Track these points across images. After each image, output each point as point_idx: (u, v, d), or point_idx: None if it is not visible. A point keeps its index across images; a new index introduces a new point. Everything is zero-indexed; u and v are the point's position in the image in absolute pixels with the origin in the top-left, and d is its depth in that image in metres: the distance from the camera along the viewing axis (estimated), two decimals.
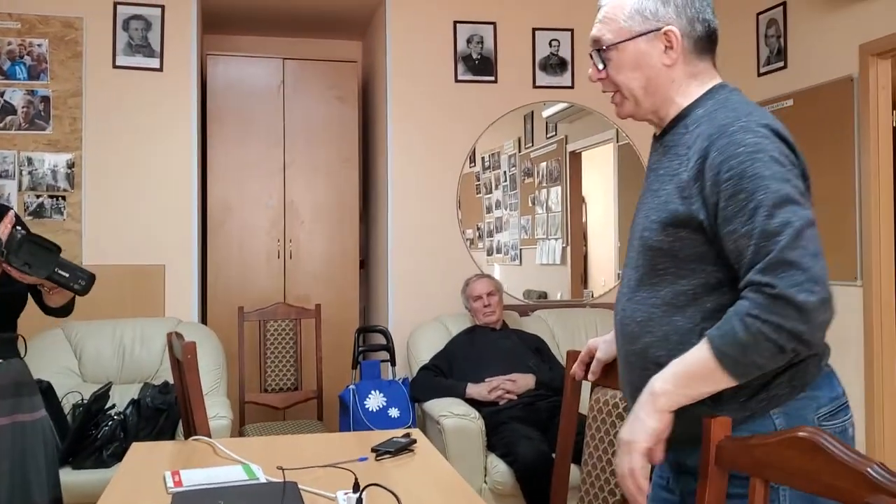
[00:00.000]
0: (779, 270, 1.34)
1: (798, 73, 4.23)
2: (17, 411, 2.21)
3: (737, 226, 1.40)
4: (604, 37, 1.60)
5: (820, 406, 1.47)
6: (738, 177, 1.39)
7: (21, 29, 4.27)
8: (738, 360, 1.36)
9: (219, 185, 4.76)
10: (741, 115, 1.46)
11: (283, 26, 5.33)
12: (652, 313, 1.54)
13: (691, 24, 1.56)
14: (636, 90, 1.58)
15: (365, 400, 3.92)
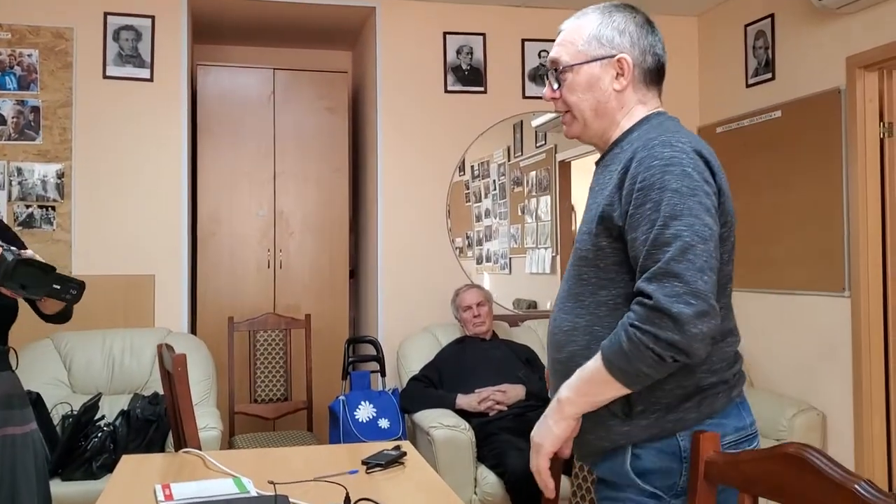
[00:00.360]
0: (662, 280, 1.41)
1: (786, 85, 4.27)
2: (7, 424, 2.21)
3: (638, 234, 1.47)
4: (561, 58, 1.68)
5: (725, 434, 1.52)
6: (649, 187, 1.47)
7: (11, 39, 4.26)
8: (624, 368, 1.44)
9: (209, 195, 4.76)
10: (666, 133, 1.55)
11: (273, 37, 5.34)
12: (576, 323, 1.61)
13: (643, 55, 1.66)
14: (586, 111, 1.67)
15: (355, 411, 3.92)
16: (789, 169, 4.21)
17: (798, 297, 4.17)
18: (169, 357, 2.56)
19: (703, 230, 1.42)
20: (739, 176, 4.61)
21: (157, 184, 4.43)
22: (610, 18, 1.66)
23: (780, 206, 4.27)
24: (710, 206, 1.47)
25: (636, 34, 1.65)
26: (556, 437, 1.55)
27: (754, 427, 1.59)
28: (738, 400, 1.58)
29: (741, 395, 1.60)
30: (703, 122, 5.01)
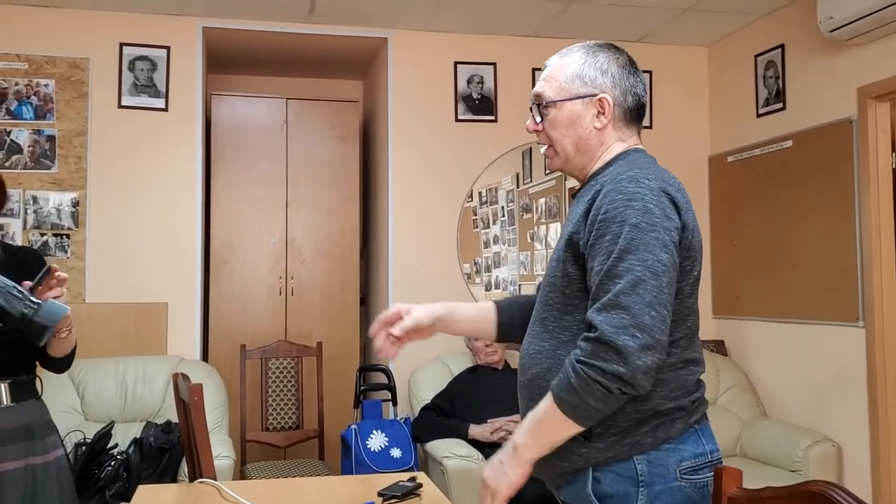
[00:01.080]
0: (610, 311, 1.46)
1: (797, 115, 4.29)
2: (29, 454, 2.23)
3: (595, 264, 1.52)
4: (545, 93, 1.73)
5: (682, 459, 1.57)
6: (610, 219, 1.52)
7: (28, 70, 4.32)
8: (575, 404, 1.47)
9: (222, 223, 4.78)
10: (636, 168, 1.59)
11: (286, 67, 5.40)
12: (541, 346, 1.65)
13: (624, 95, 1.70)
14: (567, 147, 1.72)
15: (367, 440, 3.91)
16: (801, 198, 4.22)
17: (811, 327, 4.16)
18: (185, 386, 2.57)
19: (656, 265, 1.47)
20: (751, 205, 4.63)
21: (170, 212, 4.46)
22: (594, 58, 1.70)
23: (792, 235, 4.27)
24: (668, 241, 1.50)
25: (618, 75, 1.69)
26: (513, 483, 1.58)
27: (716, 455, 1.62)
28: (699, 427, 1.62)
29: (701, 421, 1.63)
30: (713, 152, 5.03)
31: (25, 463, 2.22)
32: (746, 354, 4.69)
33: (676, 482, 1.55)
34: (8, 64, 4.30)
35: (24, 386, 2.29)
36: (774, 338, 4.44)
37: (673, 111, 5.08)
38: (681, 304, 1.56)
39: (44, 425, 2.32)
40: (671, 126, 5.06)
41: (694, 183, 5.05)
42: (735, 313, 4.78)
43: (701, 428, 1.62)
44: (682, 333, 1.58)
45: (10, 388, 2.25)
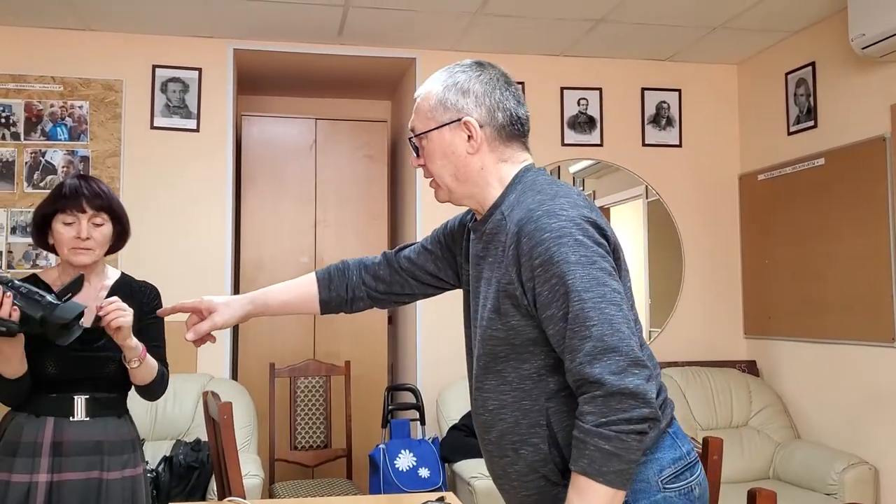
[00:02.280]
0: (603, 359, 1.38)
1: (829, 133, 4.24)
2: (94, 468, 2.28)
3: (554, 310, 1.45)
4: (416, 126, 1.67)
5: (662, 468, 1.52)
6: (548, 262, 1.44)
7: (63, 91, 4.40)
8: (621, 469, 1.38)
9: (252, 242, 4.82)
10: (546, 199, 1.51)
11: (315, 87, 5.45)
12: (502, 400, 1.58)
13: (491, 114, 1.61)
14: (446, 178, 1.64)
15: (395, 459, 3.90)
16: (833, 217, 4.16)
17: (845, 347, 4.09)
18: (215, 405, 2.58)
19: (613, 296, 1.43)
20: (782, 224, 4.58)
21: (201, 231, 4.50)
22: (453, 80, 1.63)
23: (825, 254, 4.22)
24: (609, 268, 1.46)
25: (481, 92, 1.61)
26: None
27: (693, 454, 1.57)
28: (670, 430, 1.57)
29: (671, 424, 1.58)
30: (744, 170, 4.99)
31: (87, 476, 2.27)
32: (779, 375, 4.62)
33: (661, 493, 1.51)
34: (44, 86, 4.38)
35: (104, 403, 2.34)
36: (807, 358, 4.37)
37: (703, 130, 5.05)
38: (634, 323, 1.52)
39: (118, 443, 2.36)
40: (701, 145, 5.03)
41: (724, 201, 5.01)
42: (766, 333, 4.72)
43: (673, 431, 1.58)
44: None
45: (87, 403, 2.31)
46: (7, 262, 4.26)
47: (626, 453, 1.37)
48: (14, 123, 4.34)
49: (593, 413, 1.39)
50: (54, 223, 2.31)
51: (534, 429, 1.53)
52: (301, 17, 4.28)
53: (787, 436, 4.36)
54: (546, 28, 4.45)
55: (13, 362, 2.19)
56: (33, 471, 2.22)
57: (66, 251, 2.31)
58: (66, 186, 2.33)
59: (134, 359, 2.28)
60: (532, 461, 1.55)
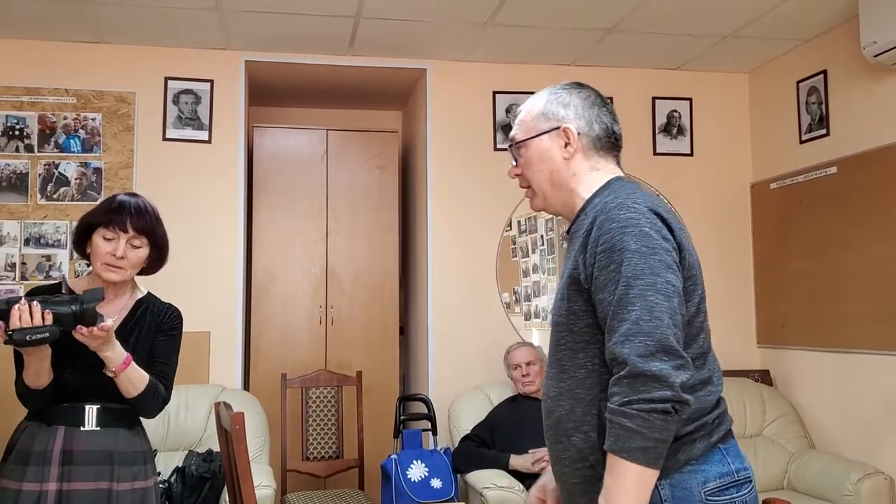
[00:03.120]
0: (633, 340, 1.46)
1: (841, 141, 4.22)
2: (103, 478, 2.29)
3: (605, 294, 1.54)
4: (516, 135, 1.82)
5: (707, 480, 1.55)
6: (610, 249, 1.54)
7: (77, 104, 4.43)
8: (644, 446, 1.45)
9: (263, 252, 4.83)
10: (622, 195, 1.63)
11: (326, 98, 5.47)
12: (560, 388, 1.66)
13: (589, 125, 1.76)
14: (543, 183, 1.78)
15: (407, 470, 3.89)
16: (848, 225, 4.14)
17: (859, 356, 4.06)
18: (227, 415, 2.58)
19: (665, 287, 1.50)
20: (795, 232, 4.56)
21: (213, 242, 4.52)
22: (556, 96, 1.79)
23: (840, 262, 4.19)
24: (671, 262, 1.54)
25: (581, 106, 1.76)
26: None
27: (744, 473, 1.60)
28: (722, 446, 1.60)
29: (725, 440, 1.61)
30: (756, 179, 4.97)
31: (97, 486, 2.27)
32: (792, 384, 4.59)
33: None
34: (57, 98, 4.42)
35: (116, 413, 2.35)
36: (821, 367, 4.34)
37: (714, 138, 5.04)
38: (690, 325, 1.58)
39: (129, 454, 2.36)
40: (712, 153, 5.02)
41: (736, 210, 4.99)
42: (780, 342, 4.69)
43: (725, 447, 1.60)
44: (696, 353, 1.59)
45: (97, 413, 2.32)
46: (21, 273, 4.29)
47: (648, 431, 1.44)
48: (28, 136, 4.37)
49: (618, 394, 1.47)
50: (95, 235, 2.34)
51: (586, 417, 1.59)
52: (312, 29, 4.30)
53: (802, 446, 4.33)
54: (556, 38, 4.46)
55: (42, 375, 2.23)
56: (43, 479, 2.24)
57: (99, 265, 2.33)
58: (116, 202, 2.37)
59: (111, 367, 2.25)
60: (582, 448, 1.61)
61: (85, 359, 2.25)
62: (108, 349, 2.23)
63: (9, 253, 4.29)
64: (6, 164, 4.33)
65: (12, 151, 4.35)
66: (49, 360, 2.23)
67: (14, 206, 4.32)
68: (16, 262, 4.29)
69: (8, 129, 4.35)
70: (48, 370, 2.24)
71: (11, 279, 4.28)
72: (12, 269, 4.28)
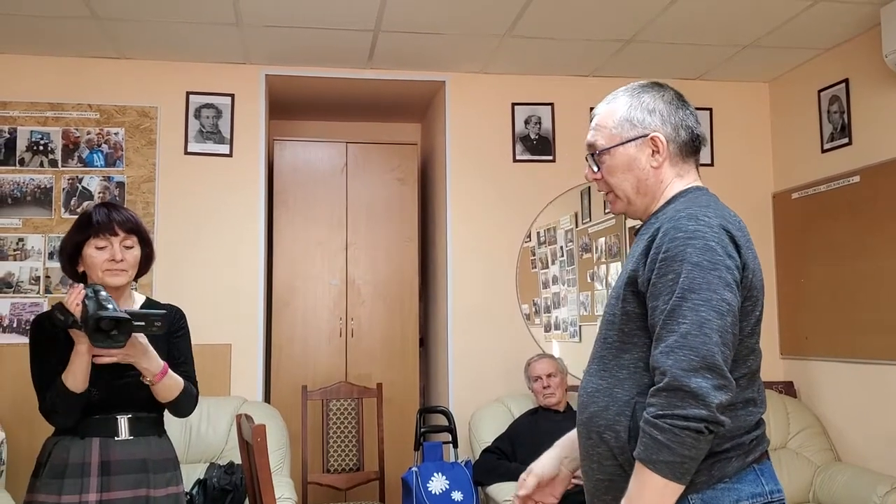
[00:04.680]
0: (678, 353, 1.45)
1: (864, 150, 4.19)
2: (141, 486, 2.34)
3: (659, 303, 1.52)
4: (597, 142, 1.75)
5: (739, 499, 1.53)
6: (671, 258, 1.52)
7: (100, 119, 4.48)
8: (670, 460, 1.44)
9: (284, 265, 4.85)
10: (694, 206, 1.60)
11: (346, 111, 5.50)
12: (599, 385, 1.65)
13: (675, 131, 1.71)
14: (628, 191, 1.73)
15: (428, 482, 3.88)
16: (870, 234, 4.10)
17: (885, 367, 4.01)
18: (248, 427, 2.59)
19: (720, 305, 1.47)
20: (817, 242, 4.52)
21: (235, 255, 4.54)
22: (639, 100, 1.72)
23: (862, 272, 4.15)
24: (731, 280, 1.51)
25: (666, 111, 1.71)
26: None
27: (777, 495, 1.58)
28: (758, 466, 1.58)
29: (761, 460, 1.59)
30: (777, 188, 4.93)
31: (135, 494, 2.32)
32: (817, 396, 4.54)
33: None
34: (81, 114, 4.47)
35: (145, 422, 2.41)
36: (846, 378, 4.29)
37: (735, 148, 5.01)
38: (742, 344, 1.55)
39: (161, 461, 2.43)
40: (733, 163, 4.99)
41: (758, 220, 4.95)
42: (804, 353, 4.65)
43: (761, 467, 1.58)
44: (742, 373, 1.57)
45: (129, 422, 2.37)
46: (45, 286, 4.33)
47: (678, 447, 1.43)
48: (52, 151, 4.42)
49: (654, 405, 1.46)
50: (86, 249, 2.37)
51: (619, 417, 1.58)
52: (332, 43, 4.33)
53: (827, 458, 4.27)
54: (575, 49, 4.46)
55: (79, 377, 2.25)
56: (82, 491, 2.27)
57: (101, 273, 2.36)
58: (96, 213, 2.40)
59: (148, 377, 2.32)
60: (613, 447, 1.60)
61: (112, 371, 2.29)
62: (144, 360, 2.30)
63: (33, 266, 4.34)
64: (31, 179, 4.39)
65: (37, 166, 4.40)
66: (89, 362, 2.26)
67: (38, 220, 4.37)
68: (40, 275, 4.34)
69: (32, 144, 4.41)
70: (87, 373, 2.26)
71: (36, 292, 4.32)
72: (36, 283, 4.33)
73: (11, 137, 4.40)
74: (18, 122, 4.41)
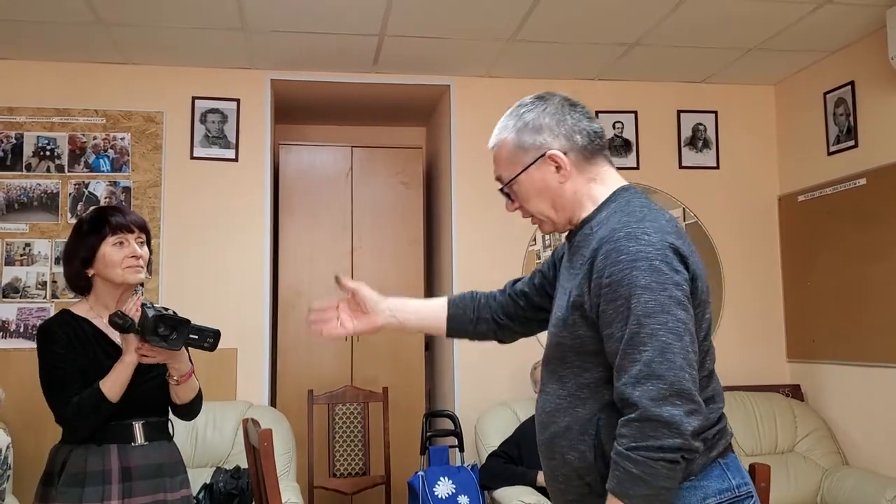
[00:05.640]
0: (645, 383, 1.41)
1: (870, 152, 4.18)
2: (159, 491, 2.35)
3: (614, 330, 1.48)
4: (502, 175, 1.72)
5: (706, 496, 1.51)
6: (617, 283, 1.47)
7: (106, 124, 4.49)
8: (647, 493, 1.41)
9: (290, 269, 4.86)
10: (632, 221, 1.54)
11: (351, 115, 5.50)
12: (558, 404, 1.62)
13: (570, 139, 1.65)
14: (547, 211, 1.70)
15: (434, 487, 3.87)
16: (877, 237, 4.09)
17: (893, 370, 3.99)
18: (255, 432, 2.59)
19: (677, 326, 1.44)
20: (824, 245, 4.51)
21: (240, 259, 4.55)
22: (523, 122, 1.67)
23: (869, 275, 4.14)
24: (682, 297, 1.48)
25: (553, 124, 1.65)
26: None
27: (745, 488, 1.56)
28: (722, 461, 1.56)
29: (725, 454, 1.58)
30: (783, 191, 4.92)
31: (155, 499, 2.34)
32: (824, 399, 4.52)
33: None
34: (87, 119, 4.48)
35: (156, 427, 2.43)
36: (853, 382, 4.28)
37: (740, 151, 5.00)
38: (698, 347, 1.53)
39: (174, 465, 2.45)
40: (739, 166, 4.98)
41: (764, 223, 4.95)
42: (811, 357, 4.63)
43: (725, 462, 1.56)
44: (703, 375, 1.55)
45: (143, 428, 2.38)
46: (51, 291, 4.34)
47: (653, 479, 1.40)
48: (58, 156, 4.43)
49: (626, 436, 1.43)
50: (103, 248, 2.36)
51: (582, 436, 1.55)
52: (337, 47, 4.34)
53: (835, 462, 4.26)
54: (580, 53, 4.46)
55: (118, 386, 2.27)
56: (103, 498, 2.28)
57: (121, 271, 2.36)
58: (108, 211, 2.43)
59: (176, 377, 2.36)
60: (577, 467, 1.57)
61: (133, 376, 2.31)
62: (178, 360, 2.34)
63: (40, 271, 4.35)
64: (37, 184, 4.40)
65: (43, 171, 4.41)
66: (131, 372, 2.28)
67: (45, 226, 4.38)
68: (46, 280, 4.34)
69: (39, 149, 4.42)
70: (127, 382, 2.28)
71: (42, 297, 4.33)
72: (43, 288, 4.34)
73: (18, 143, 4.41)
74: (25, 127, 4.43)
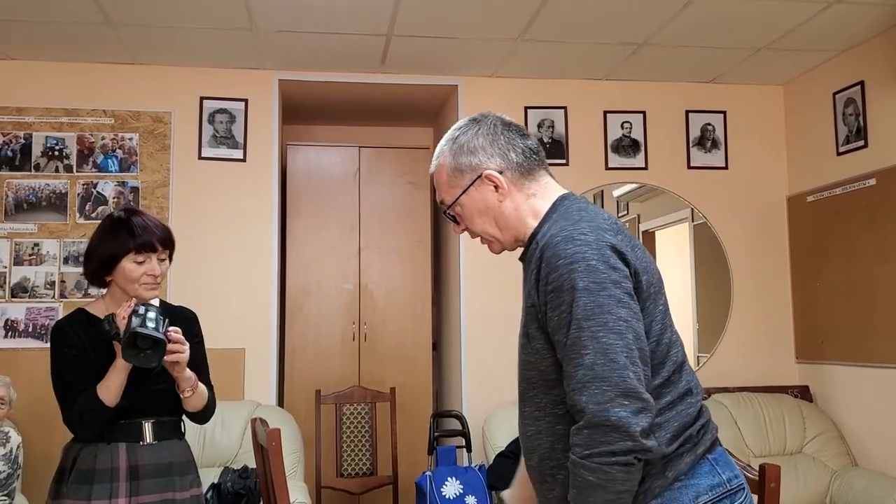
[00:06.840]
0: (590, 388, 1.40)
1: (880, 152, 4.16)
2: (168, 489, 2.36)
3: (560, 336, 1.48)
4: (444, 199, 1.74)
5: (699, 494, 1.49)
6: (559, 289, 1.48)
7: (114, 124, 4.50)
8: (607, 499, 1.40)
9: (297, 269, 4.86)
10: (568, 225, 1.54)
11: (358, 116, 5.51)
12: (538, 426, 1.60)
13: (504, 158, 1.67)
14: (492, 231, 1.71)
15: (442, 487, 3.87)
16: (886, 237, 4.07)
17: None
18: (263, 432, 2.59)
19: (617, 325, 1.43)
20: (833, 245, 4.49)
21: (248, 260, 4.55)
22: (458, 145, 1.69)
23: (878, 275, 4.12)
24: (622, 295, 1.46)
25: (486, 144, 1.68)
26: None
27: (736, 482, 1.54)
28: (710, 455, 1.55)
29: (712, 449, 1.56)
30: (792, 192, 4.91)
31: (163, 497, 2.35)
32: (833, 400, 4.51)
33: None
34: (95, 119, 4.50)
35: (167, 426, 2.43)
36: (863, 383, 4.26)
37: (749, 151, 4.99)
38: (658, 344, 1.52)
39: (184, 464, 2.45)
40: (748, 166, 4.96)
41: (772, 224, 4.93)
42: (819, 357, 4.62)
43: (714, 457, 1.55)
44: (670, 370, 1.54)
45: (153, 427, 2.39)
46: (60, 291, 4.35)
47: (611, 485, 1.39)
48: (67, 156, 4.45)
49: (579, 445, 1.42)
50: (124, 262, 2.35)
51: (567, 454, 1.52)
52: (345, 48, 4.34)
53: (844, 463, 4.24)
54: (588, 52, 4.45)
55: (113, 391, 2.27)
56: (112, 496, 2.29)
57: (137, 286, 2.36)
58: (135, 226, 2.36)
59: (187, 388, 2.37)
60: (568, 486, 1.54)
61: (146, 380, 2.33)
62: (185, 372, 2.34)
63: (49, 271, 4.36)
64: (46, 185, 4.41)
65: (52, 171, 4.43)
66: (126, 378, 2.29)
67: (54, 226, 4.40)
68: (55, 280, 4.36)
69: (48, 149, 4.43)
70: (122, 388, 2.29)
71: (51, 297, 4.35)
72: (52, 288, 4.35)
73: (27, 143, 4.42)
74: (34, 127, 4.44)
